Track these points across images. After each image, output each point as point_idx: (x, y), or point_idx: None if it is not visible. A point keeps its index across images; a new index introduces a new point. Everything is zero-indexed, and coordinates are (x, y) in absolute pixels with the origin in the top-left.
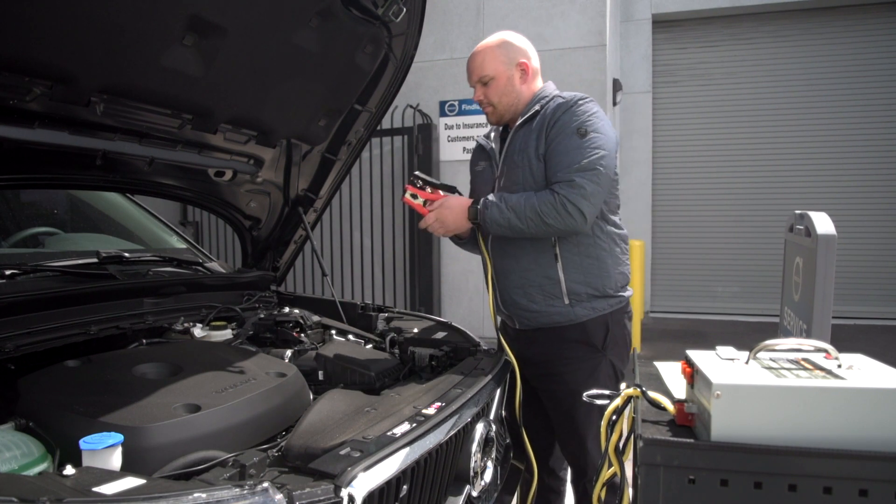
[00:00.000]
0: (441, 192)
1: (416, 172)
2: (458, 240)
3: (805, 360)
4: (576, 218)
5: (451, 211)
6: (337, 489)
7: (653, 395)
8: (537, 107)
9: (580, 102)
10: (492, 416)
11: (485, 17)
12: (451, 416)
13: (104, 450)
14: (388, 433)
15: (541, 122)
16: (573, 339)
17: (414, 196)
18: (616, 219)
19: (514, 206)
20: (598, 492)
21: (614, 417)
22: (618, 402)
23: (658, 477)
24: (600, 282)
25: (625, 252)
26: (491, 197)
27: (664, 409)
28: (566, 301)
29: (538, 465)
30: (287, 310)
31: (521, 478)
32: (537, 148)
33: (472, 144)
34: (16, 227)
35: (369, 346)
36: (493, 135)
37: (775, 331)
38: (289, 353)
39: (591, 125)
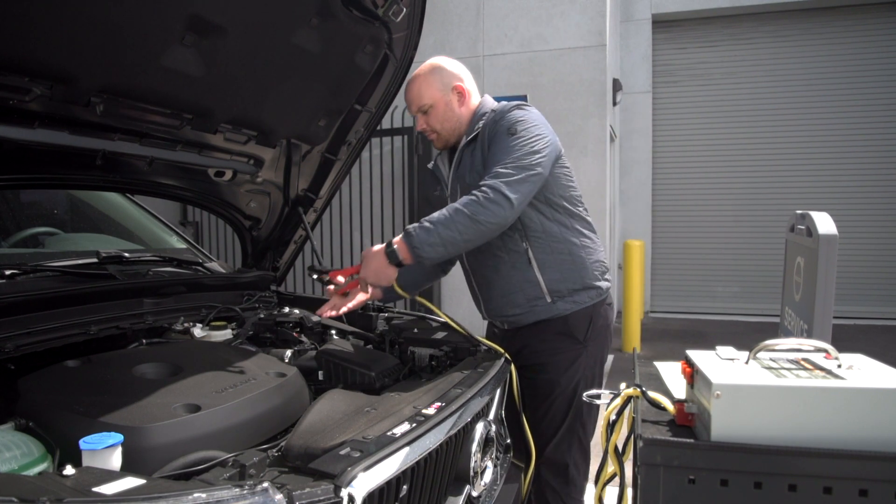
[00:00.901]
0: (349, 267)
1: (312, 265)
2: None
3: (805, 360)
4: (501, 204)
5: (369, 264)
6: (337, 489)
7: (653, 395)
8: (480, 124)
9: (511, 108)
10: (492, 416)
11: (485, 17)
12: (451, 416)
13: (104, 450)
14: (388, 433)
15: (482, 136)
16: (556, 331)
17: (336, 286)
18: (581, 210)
19: (438, 220)
20: (599, 492)
21: (614, 417)
22: (618, 402)
23: (658, 477)
24: (577, 275)
25: (595, 241)
26: (409, 225)
27: (664, 409)
28: (549, 300)
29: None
30: (287, 310)
31: (521, 475)
32: (485, 163)
33: None
34: (16, 227)
35: (369, 346)
36: (439, 159)
37: (775, 331)
38: (289, 353)
39: (521, 125)
